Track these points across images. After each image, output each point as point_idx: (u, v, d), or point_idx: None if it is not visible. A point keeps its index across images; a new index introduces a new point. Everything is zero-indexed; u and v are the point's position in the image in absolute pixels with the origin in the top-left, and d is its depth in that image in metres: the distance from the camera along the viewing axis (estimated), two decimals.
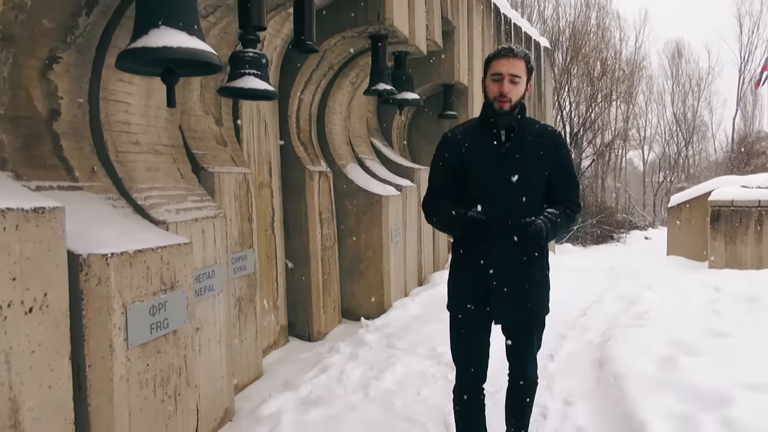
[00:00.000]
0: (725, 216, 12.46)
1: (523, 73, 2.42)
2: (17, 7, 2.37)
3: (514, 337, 2.61)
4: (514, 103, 2.41)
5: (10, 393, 1.76)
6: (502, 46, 2.48)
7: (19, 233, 1.79)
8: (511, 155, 2.44)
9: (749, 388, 2.82)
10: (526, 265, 2.46)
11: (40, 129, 2.58)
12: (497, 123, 2.43)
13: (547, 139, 2.51)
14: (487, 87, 2.47)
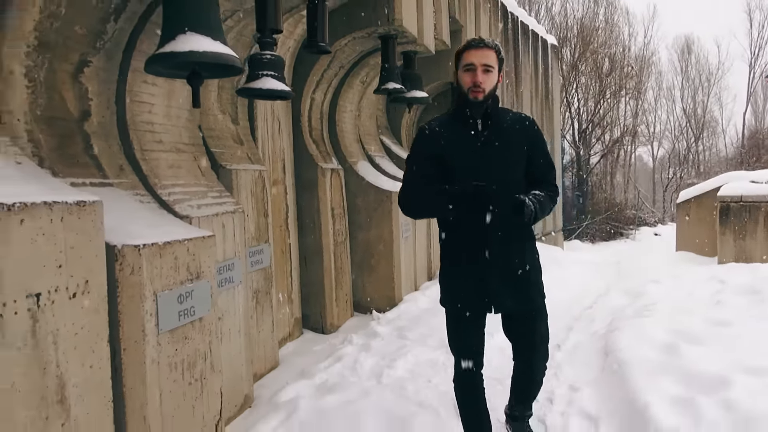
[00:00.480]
0: (734, 211, 12.49)
1: (494, 63, 2.47)
2: (53, 16, 2.53)
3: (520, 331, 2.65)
4: (488, 93, 2.46)
5: (57, 371, 1.93)
6: (473, 38, 2.54)
7: (63, 224, 1.96)
8: (490, 143, 2.50)
9: (748, 373, 2.95)
10: (518, 251, 2.52)
11: (73, 129, 2.75)
12: (472, 113, 2.48)
13: (522, 125, 2.58)
14: (461, 79, 2.50)
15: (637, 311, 4.47)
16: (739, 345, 3.37)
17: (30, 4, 2.42)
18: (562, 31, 25.24)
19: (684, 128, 32.01)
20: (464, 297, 2.53)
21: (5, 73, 2.41)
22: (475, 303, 2.52)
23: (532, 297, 2.56)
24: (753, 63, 31.05)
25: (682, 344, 3.47)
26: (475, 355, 2.62)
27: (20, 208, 1.80)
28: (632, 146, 28.83)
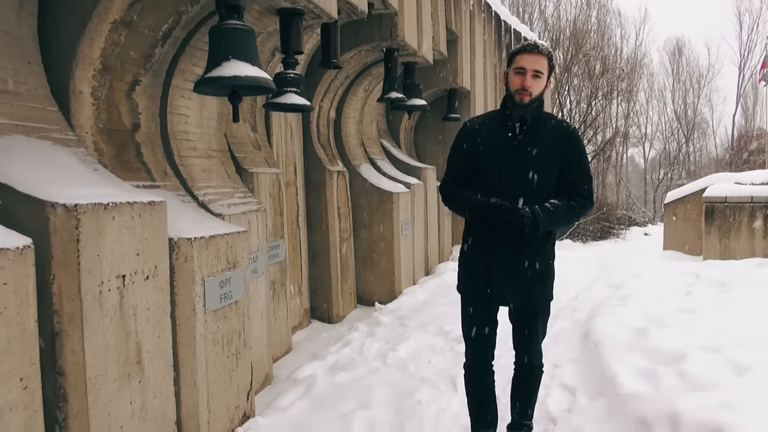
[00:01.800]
0: (719, 212, 13.04)
1: (545, 69, 2.52)
2: (115, 44, 3.02)
3: (517, 323, 2.76)
4: (534, 97, 2.51)
5: (136, 337, 2.43)
6: (528, 42, 2.59)
7: (141, 220, 2.45)
8: (523, 147, 2.53)
9: (703, 349, 3.48)
10: (528, 254, 2.57)
11: (126, 139, 3.23)
12: (512, 116, 2.55)
13: (561, 133, 2.59)
14: (510, 79, 2.56)
15: (616, 301, 5.00)
16: (700, 328, 3.91)
17: (99, 35, 2.91)
18: (554, 34, 25.81)
19: (675, 129, 32.71)
20: (472, 286, 2.68)
21: (76, 93, 2.90)
22: (480, 293, 2.65)
23: (534, 296, 2.63)
24: (742, 66, 31.80)
25: (651, 328, 4.00)
26: (484, 343, 2.73)
27: (112, 207, 2.29)
28: (623, 147, 29.47)
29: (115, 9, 2.90)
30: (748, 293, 4.78)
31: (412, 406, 3.36)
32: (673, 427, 2.63)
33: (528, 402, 2.86)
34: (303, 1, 3.52)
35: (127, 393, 2.36)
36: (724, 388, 2.95)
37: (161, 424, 2.59)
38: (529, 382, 2.84)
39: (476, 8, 8.30)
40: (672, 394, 2.93)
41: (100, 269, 2.22)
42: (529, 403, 2.87)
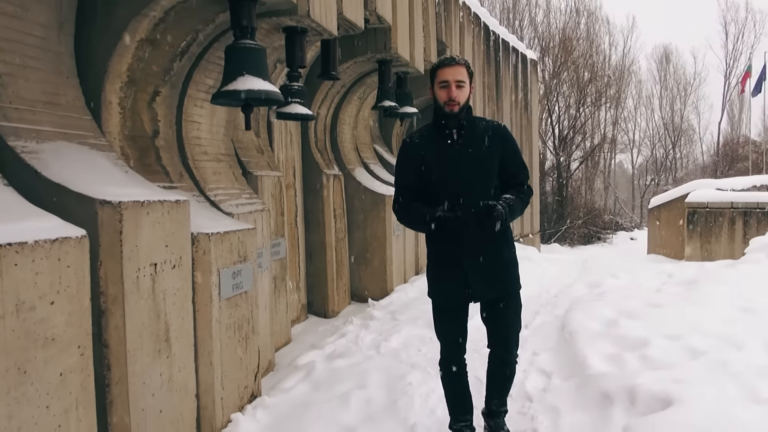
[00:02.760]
0: (701, 217, 13.55)
1: (466, 78, 2.73)
2: (140, 59, 3.41)
3: (492, 317, 2.89)
4: (462, 105, 2.73)
5: (165, 318, 2.81)
6: (444, 57, 2.81)
7: (169, 216, 2.84)
8: (464, 150, 2.74)
9: (665, 337, 3.91)
10: (494, 245, 2.77)
11: (148, 144, 3.61)
12: (448, 124, 2.76)
13: (495, 132, 2.82)
14: (437, 94, 2.76)
15: (592, 297, 5.43)
16: (664, 319, 4.34)
17: (127, 52, 3.30)
18: (544, 41, 26.38)
19: (662, 136, 33.43)
20: (448, 290, 2.82)
21: (106, 103, 3.29)
22: (457, 295, 2.80)
23: (506, 285, 2.82)
24: (728, 74, 32.61)
25: (621, 319, 4.43)
26: (458, 341, 2.90)
27: (147, 204, 2.68)
28: (611, 153, 30.11)
29: (142, 29, 3.29)
30: (712, 290, 5.23)
31: (403, 387, 3.76)
32: (630, 399, 3.05)
33: (503, 392, 3.00)
34: (307, 20, 3.92)
35: (158, 366, 2.75)
36: (679, 368, 3.38)
37: (184, 395, 2.97)
38: (506, 374, 2.96)
39: (465, 20, 8.75)
40: (633, 373, 3.36)
41: (138, 257, 2.60)
42: (505, 392, 3.01)
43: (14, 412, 1.95)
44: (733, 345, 3.77)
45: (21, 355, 1.99)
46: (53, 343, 2.12)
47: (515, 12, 27.69)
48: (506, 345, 2.91)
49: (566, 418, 3.19)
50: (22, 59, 2.82)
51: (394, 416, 3.35)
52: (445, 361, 2.96)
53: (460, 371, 2.96)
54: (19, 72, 2.78)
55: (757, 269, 6.01)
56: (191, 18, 3.48)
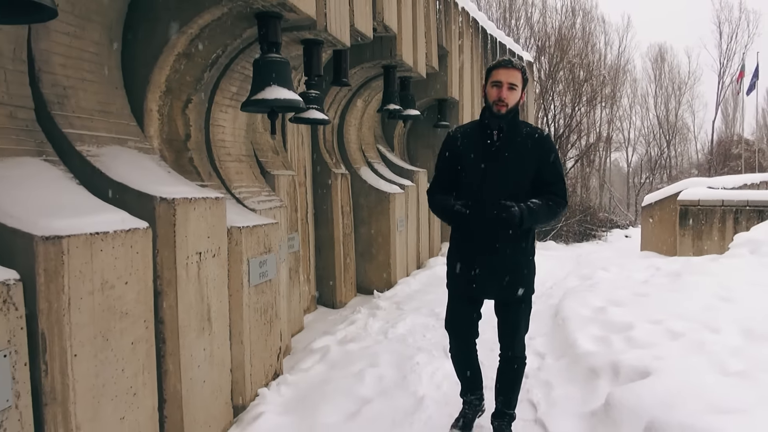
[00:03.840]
0: (692, 214, 14.00)
1: (519, 82, 2.80)
2: (176, 71, 3.83)
3: (501, 315, 3.01)
4: (510, 108, 2.79)
5: (207, 300, 3.23)
6: (503, 58, 2.87)
7: (211, 211, 3.26)
8: (500, 152, 2.80)
9: (648, 322, 4.36)
10: (508, 247, 2.84)
11: (181, 147, 4.03)
12: (490, 124, 2.85)
13: (536, 140, 2.86)
14: (488, 92, 2.83)
15: (584, 288, 5.88)
16: (648, 306, 4.79)
17: (166, 64, 3.71)
18: (540, 40, 26.83)
19: (657, 134, 33.97)
20: (460, 283, 2.97)
21: (148, 111, 3.71)
22: (467, 289, 2.95)
23: (515, 289, 2.89)
24: (722, 73, 33.16)
25: (610, 307, 4.88)
26: (465, 331, 3.07)
27: (194, 200, 3.10)
28: (607, 152, 30.60)
29: (180, 44, 3.71)
30: (695, 281, 5.68)
31: (412, 366, 4.19)
32: (613, 372, 3.50)
33: (511, 392, 3.09)
34: (323, 33, 4.34)
35: (201, 341, 3.17)
36: (659, 347, 3.82)
37: (221, 369, 3.40)
38: (512, 372, 3.06)
39: (465, 25, 9.18)
40: (617, 351, 3.81)
41: (187, 246, 3.02)
42: (513, 394, 3.09)
43: (100, 372, 2.38)
44: (710, 329, 4.21)
45: (104, 325, 2.41)
46: (126, 316, 2.55)
47: (512, 11, 28.09)
48: (512, 344, 3.03)
49: (558, 390, 3.64)
50: (81, 73, 3.23)
51: (405, 390, 3.79)
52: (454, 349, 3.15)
53: (467, 353, 3.11)
54: (79, 84, 3.20)
55: (738, 262, 6.47)
56: (222, 33, 3.89)
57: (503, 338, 3.05)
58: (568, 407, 3.39)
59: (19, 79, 2.79)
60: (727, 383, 3.16)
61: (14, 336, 1.93)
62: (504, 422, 3.11)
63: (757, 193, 14.74)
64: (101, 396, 2.39)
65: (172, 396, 2.95)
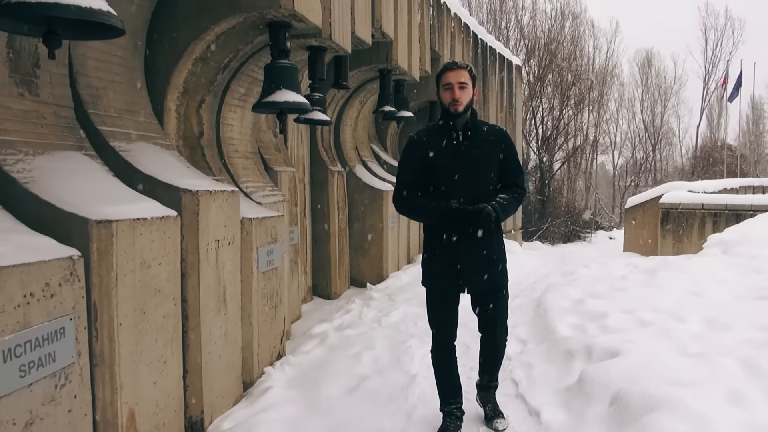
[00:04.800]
0: (674, 217, 14.53)
1: (468, 80, 2.95)
2: (193, 74, 4.19)
3: (483, 306, 3.16)
4: (465, 105, 2.94)
5: (223, 283, 3.60)
6: (447, 62, 3.08)
7: (227, 203, 3.63)
8: (468, 151, 2.96)
9: (622, 312, 4.78)
10: (487, 241, 3.03)
11: (195, 144, 4.39)
12: (455, 125, 2.99)
13: (496, 136, 3.06)
14: (442, 96, 3.00)
15: (565, 283, 6.31)
16: (623, 299, 5.22)
17: (185, 68, 4.07)
18: (530, 43, 27.35)
19: (642, 138, 34.68)
20: (442, 280, 3.07)
21: (167, 110, 4.07)
22: (450, 285, 3.06)
23: (497, 279, 3.10)
24: (707, 79, 33.95)
25: (588, 299, 5.31)
26: (449, 328, 3.17)
27: (214, 192, 3.46)
28: (592, 154, 31.23)
29: (198, 49, 4.07)
30: (669, 277, 6.13)
31: (405, 348, 4.59)
32: (587, 353, 3.92)
33: (494, 369, 3.35)
34: (327, 41, 4.72)
35: (218, 320, 3.54)
36: (629, 332, 4.25)
37: (233, 347, 3.77)
38: (494, 356, 3.30)
39: (456, 30, 9.60)
40: (591, 336, 4.23)
41: (208, 234, 3.39)
42: (496, 369, 3.36)
43: (138, 340, 2.74)
44: (677, 318, 4.65)
45: (142, 300, 2.77)
46: (159, 293, 2.91)
47: (501, 14, 28.57)
48: (495, 332, 3.23)
49: (537, 370, 4.05)
50: (111, 75, 3.59)
51: (399, 369, 4.18)
52: (437, 347, 3.22)
53: (450, 356, 3.23)
54: (109, 86, 3.55)
55: (710, 261, 6.94)
56: (235, 40, 4.26)
57: (487, 326, 3.24)
58: (546, 384, 3.80)
59: (61, 81, 3.15)
60: (685, 362, 3.59)
61: (77, 304, 2.29)
62: (490, 392, 3.42)
63: (735, 198, 15.34)
64: (139, 361, 2.75)
65: (193, 367, 3.32)
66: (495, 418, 3.33)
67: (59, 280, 2.18)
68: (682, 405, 2.89)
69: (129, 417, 2.68)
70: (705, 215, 14.32)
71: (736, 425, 2.76)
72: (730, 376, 3.34)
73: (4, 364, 1.91)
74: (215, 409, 3.52)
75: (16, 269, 1.97)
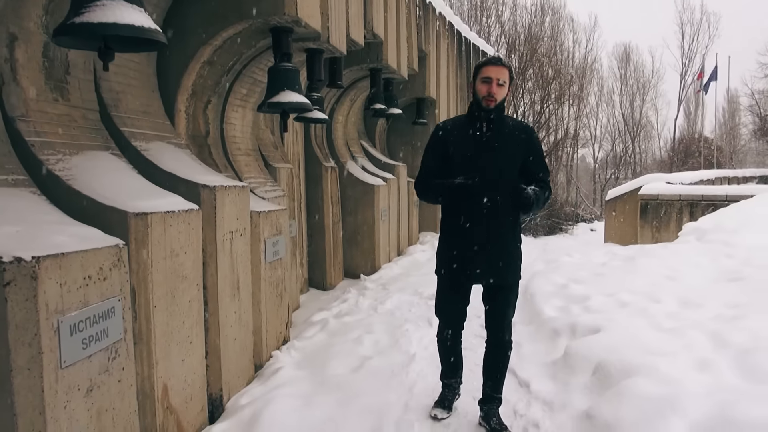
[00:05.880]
0: (652, 208, 15.06)
1: (507, 79, 2.99)
2: (200, 76, 4.48)
3: (491, 302, 3.16)
4: (498, 103, 2.98)
5: (236, 272, 3.91)
6: (492, 55, 3.07)
7: (239, 197, 3.93)
8: (490, 143, 2.98)
9: (602, 294, 5.19)
10: (503, 235, 3.02)
11: (202, 142, 4.68)
12: (480, 117, 3.02)
13: (522, 131, 3.08)
14: (477, 88, 2.99)
15: (549, 270, 6.71)
16: (604, 283, 5.63)
17: (193, 71, 4.36)
18: (511, 38, 27.81)
19: (622, 131, 35.41)
20: (455, 269, 3.09)
21: (177, 111, 4.35)
22: (463, 275, 3.08)
23: (508, 274, 3.10)
24: (684, 73, 34.76)
25: (571, 284, 5.71)
26: (458, 317, 3.26)
27: (228, 187, 3.77)
28: (573, 148, 31.84)
29: (206, 54, 4.36)
30: (646, 263, 6.56)
31: (402, 332, 4.94)
32: (571, 331, 4.31)
33: (500, 377, 3.25)
34: (325, 44, 5.03)
35: (233, 306, 3.85)
36: (609, 312, 4.65)
37: (246, 331, 4.09)
38: (500, 357, 3.23)
39: (442, 29, 9.95)
40: (575, 315, 4.62)
41: (223, 226, 3.70)
42: (501, 378, 3.25)
43: (169, 321, 3.05)
44: (653, 299, 5.07)
45: (171, 285, 3.08)
46: (185, 279, 3.22)
47: (482, 9, 28.97)
48: (500, 327, 3.19)
49: (526, 347, 4.43)
50: (128, 79, 3.87)
51: (398, 350, 4.53)
52: (442, 335, 3.33)
53: (455, 336, 3.32)
54: (127, 89, 3.83)
55: (684, 248, 7.40)
56: (240, 44, 4.55)
57: (492, 324, 3.21)
58: (535, 359, 4.18)
59: (87, 86, 3.43)
60: (659, 336, 3.99)
61: (123, 286, 2.59)
62: (493, 407, 3.27)
63: (711, 188, 15.93)
64: (171, 341, 3.06)
65: (213, 348, 3.63)
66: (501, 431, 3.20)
67: (110, 265, 2.48)
68: (655, 371, 3.28)
69: (163, 390, 2.99)
70: (682, 206, 14.86)
71: (703, 387, 3.15)
72: (700, 347, 3.74)
73: (71, 337, 2.21)
74: (232, 387, 3.84)
75: (77, 255, 2.27)
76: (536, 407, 3.47)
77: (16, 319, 2.01)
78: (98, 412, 2.39)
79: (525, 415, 3.39)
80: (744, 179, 19.41)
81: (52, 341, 2.12)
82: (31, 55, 3.00)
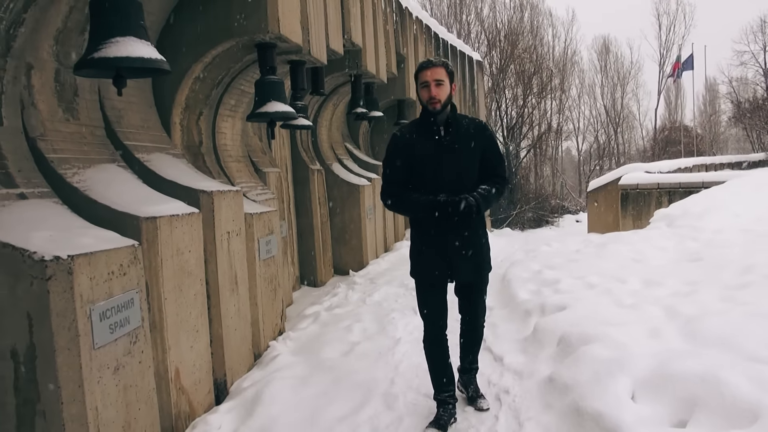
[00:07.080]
0: (632, 197, 15.58)
1: (444, 77, 3.02)
2: (192, 91, 4.89)
3: (466, 294, 3.35)
4: (444, 102, 3.02)
5: (234, 269, 4.33)
6: (424, 60, 3.15)
7: (234, 200, 4.36)
8: (451, 145, 3.06)
9: (573, 278, 5.66)
10: (474, 232, 3.17)
11: (197, 152, 5.09)
12: (436, 121, 3.07)
13: (477, 129, 3.17)
14: (420, 94, 3.09)
15: (527, 258, 7.18)
16: (576, 269, 6.11)
17: (186, 86, 4.78)
18: (491, 35, 28.36)
19: (604, 123, 36.09)
20: (432, 270, 3.19)
21: (172, 124, 4.77)
22: (440, 275, 3.19)
23: (482, 270, 3.31)
24: (662, 63, 35.49)
25: (545, 270, 6.18)
26: (441, 317, 3.29)
27: (224, 192, 4.19)
28: (558, 140, 32.47)
29: (197, 70, 4.78)
30: (616, 248, 7.05)
31: (389, 320, 5.38)
32: (541, 310, 4.77)
33: (474, 351, 3.54)
34: (306, 56, 5.46)
35: (232, 300, 4.28)
36: (577, 293, 5.12)
37: (245, 322, 4.51)
38: (476, 335, 3.50)
39: (418, 31, 10.40)
40: (545, 297, 5.08)
41: (221, 227, 4.12)
42: (475, 352, 3.55)
43: (178, 311, 3.47)
44: (619, 280, 5.54)
45: (178, 280, 3.50)
46: (190, 275, 3.64)
47: (462, 6, 29.48)
48: (476, 314, 3.44)
49: (501, 327, 4.88)
50: (128, 97, 4.28)
51: (385, 335, 4.97)
52: (429, 336, 3.33)
53: (442, 345, 3.33)
54: (128, 107, 4.25)
55: (653, 233, 7.90)
56: (228, 60, 4.97)
57: (468, 312, 3.42)
58: (508, 337, 4.63)
59: (93, 106, 3.84)
60: (619, 311, 4.46)
61: (139, 281, 3.01)
62: (471, 376, 3.61)
63: (689, 176, 16.51)
64: (180, 329, 3.48)
65: (216, 337, 4.06)
66: (478, 398, 3.51)
67: (128, 262, 2.90)
68: (609, 338, 3.74)
69: (176, 373, 3.41)
70: (661, 194, 15.39)
71: (650, 350, 3.61)
72: (653, 318, 4.22)
73: (100, 323, 2.63)
74: (234, 373, 4.26)
75: (103, 254, 2.69)
76: (508, 377, 3.92)
77: (57, 307, 2.43)
78: (125, 387, 2.82)
79: (497, 383, 3.84)
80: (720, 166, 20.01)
81: (86, 326, 2.54)
82: (45, 81, 3.41)
